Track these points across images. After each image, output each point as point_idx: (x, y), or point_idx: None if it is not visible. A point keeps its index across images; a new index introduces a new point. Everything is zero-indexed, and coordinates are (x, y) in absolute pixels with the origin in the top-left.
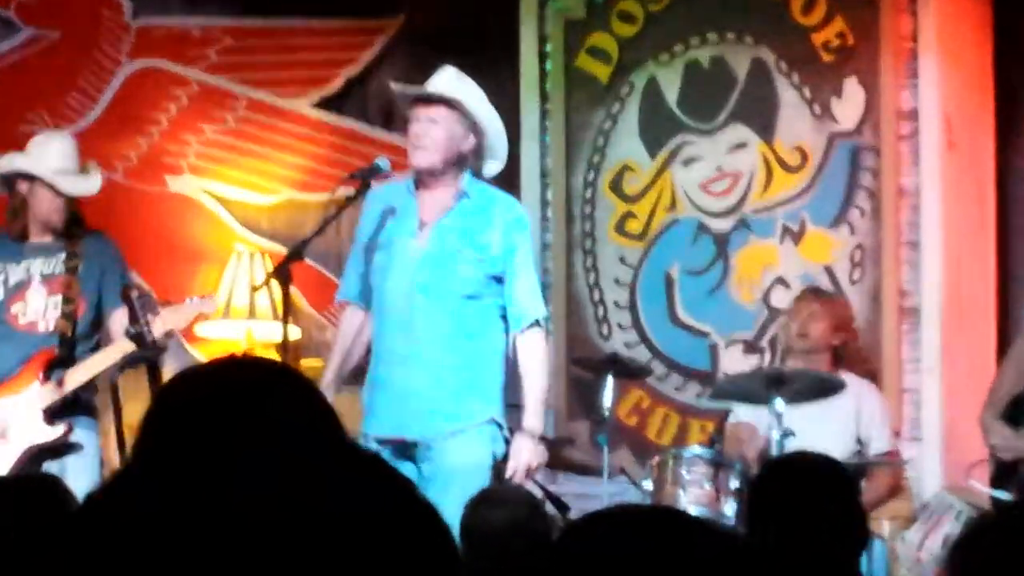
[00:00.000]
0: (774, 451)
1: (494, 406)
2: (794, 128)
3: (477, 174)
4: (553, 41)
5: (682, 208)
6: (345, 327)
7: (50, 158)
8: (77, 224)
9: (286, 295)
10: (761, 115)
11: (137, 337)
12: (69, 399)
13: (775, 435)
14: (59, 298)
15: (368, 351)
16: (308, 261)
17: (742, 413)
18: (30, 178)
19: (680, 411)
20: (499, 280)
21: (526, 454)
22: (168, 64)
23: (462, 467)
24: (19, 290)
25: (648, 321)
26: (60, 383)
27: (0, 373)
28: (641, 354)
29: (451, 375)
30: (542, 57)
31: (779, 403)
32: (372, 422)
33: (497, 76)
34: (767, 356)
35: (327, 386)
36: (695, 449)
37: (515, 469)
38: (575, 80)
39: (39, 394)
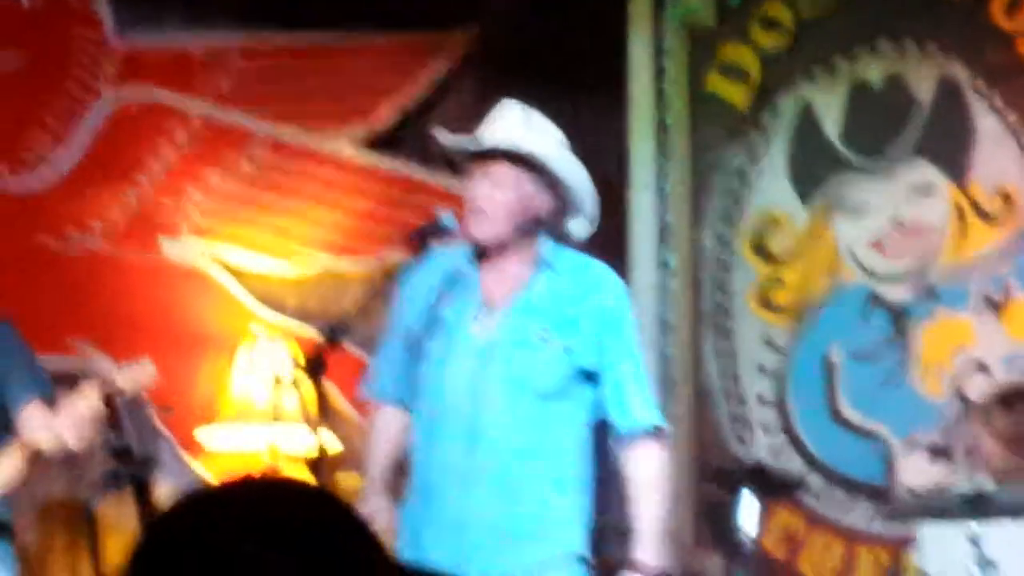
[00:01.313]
0: None
1: (578, 537)
2: (996, 166)
3: (560, 238)
4: (674, 57)
5: (847, 273)
6: (383, 429)
7: None
8: None
9: (320, 393)
10: (952, 149)
11: (122, 452)
12: None
13: (973, 568)
14: None
15: (405, 463)
16: (348, 348)
17: (929, 536)
18: None
19: (846, 537)
20: (590, 377)
21: None
22: (163, 94)
23: None
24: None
25: (802, 420)
26: None
27: None
28: (793, 463)
29: (526, 498)
30: (659, 78)
31: (977, 526)
32: (416, 553)
33: (599, 105)
34: (961, 463)
35: (374, 505)
36: None
37: None
38: (703, 107)
39: None
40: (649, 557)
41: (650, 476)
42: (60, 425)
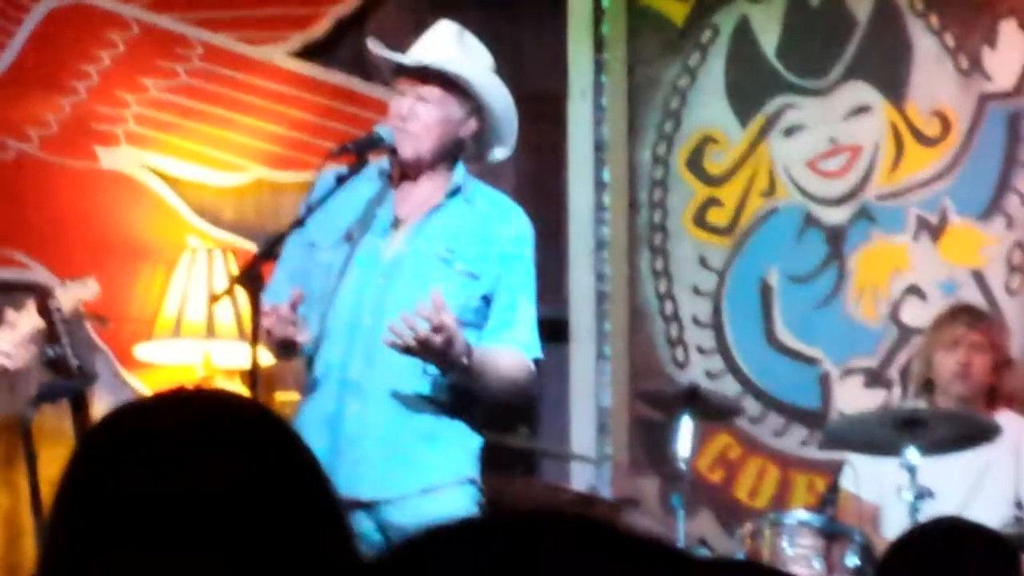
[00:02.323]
0: (907, 517)
1: (472, 461)
2: (933, 87)
3: (474, 161)
4: None
5: (784, 193)
6: None
7: None
8: None
9: (255, 308)
10: (889, 70)
11: (57, 362)
12: None
13: (908, 496)
14: None
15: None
16: None
17: (863, 468)
18: None
19: (781, 463)
20: (488, 303)
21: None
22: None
23: None
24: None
25: (738, 343)
26: None
27: None
28: (729, 387)
29: (422, 419)
30: None
31: (913, 453)
32: None
33: (535, 17)
34: (896, 390)
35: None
36: (801, 514)
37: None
38: (640, 22)
39: None
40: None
41: (511, 356)
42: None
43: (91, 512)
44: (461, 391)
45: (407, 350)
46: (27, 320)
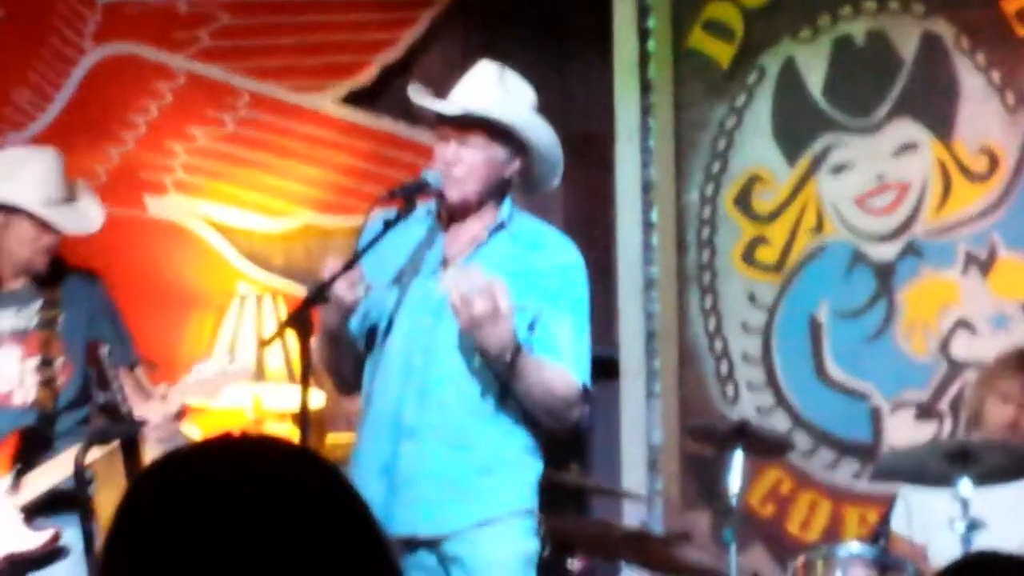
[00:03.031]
0: (959, 550)
1: (528, 492)
2: (980, 124)
3: (525, 193)
4: (658, 14)
5: (832, 230)
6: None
7: (32, 185)
8: (55, 262)
9: (305, 350)
10: (936, 107)
11: (108, 408)
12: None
13: (960, 527)
14: (37, 361)
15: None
16: None
17: (914, 501)
18: (4, 208)
19: (832, 496)
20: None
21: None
22: (147, 50)
23: (496, 567)
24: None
25: (788, 379)
26: (16, 487)
27: None
28: (779, 422)
29: (477, 453)
30: (643, 35)
31: (965, 485)
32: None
33: (583, 61)
34: (947, 423)
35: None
36: (853, 547)
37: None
38: (687, 65)
39: (9, 488)
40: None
41: (560, 373)
42: (175, 399)
43: (140, 559)
44: (513, 410)
45: (456, 312)
46: (177, 397)
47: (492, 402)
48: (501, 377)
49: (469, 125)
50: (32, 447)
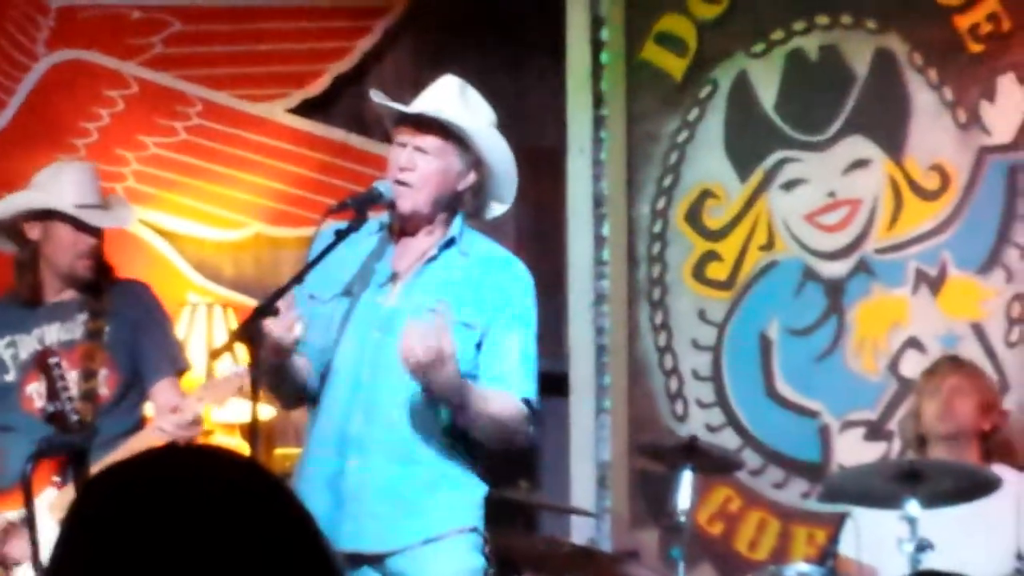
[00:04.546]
0: (908, 569)
1: (476, 511)
2: (931, 141)
3: (473, 216)
4: (611, 26)
5: (783, 247)
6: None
7: (66, 190)
8: (103, 273)
9: (255, 363)
10: (888, 124)
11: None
12: None
13: (908, 548)
14: (80, 373)
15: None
16: None
17: (863, 522)
18: (42, 216)
19: (781, 515)
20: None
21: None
22: (99, 57)
23: None
24: (33, 366)
25: (737, 396)
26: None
27: (13, 475)
28: (729, 440)
29: (424, 469)
30: (596, 47)
31: (913, 506)
32: None
33: (534, 73)
34: (896, 443)
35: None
36: (801, 567)
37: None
38: (639, 77)
39: (54, 503)
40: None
41: (504, 400)
42: (190, 407)
43: (85, 570)
44: (459, 435)
45: (403, 359)
46: (194, 406)
47: (439, 430)
48: (448, 414)
49: (426, 129)
50: (72, 460)
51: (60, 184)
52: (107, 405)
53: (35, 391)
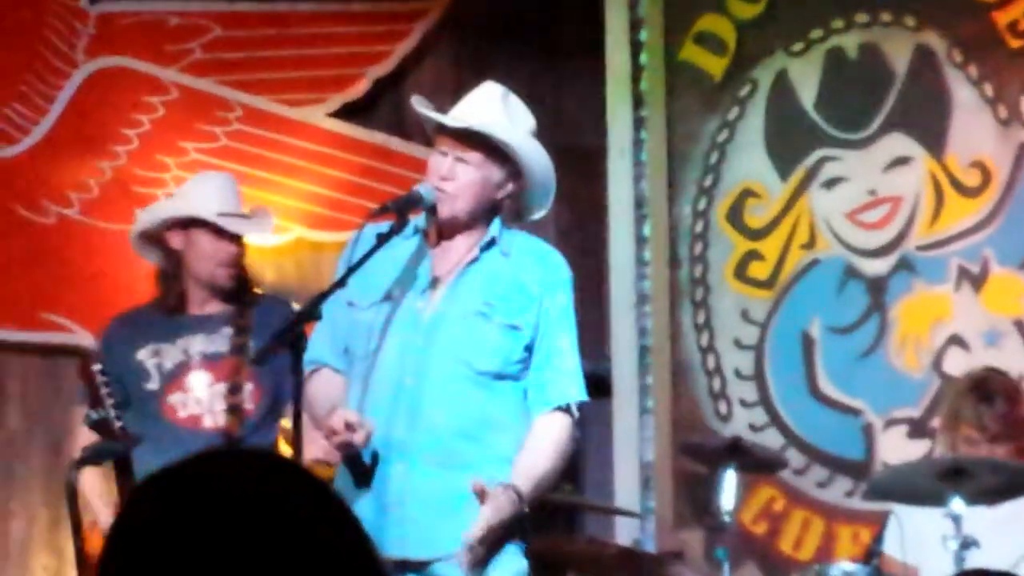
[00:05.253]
0: (952, 567)
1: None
2: (972, 137)
3: (511, 221)
4: (650, 27)
5: (824, 245)
6: (321, 393)
7: (208, 198)
8: (247, 288)
9: (297, 366)
10: (928, 121)
11: (100, 424)
12: None
13: (953, 546)
14: (226, 387)
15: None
16: None
17: (907, 520)
18: (185, 225)
19: (825, 515)
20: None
21: (492, 508)
22: (138, 63)
23: None
24: (177, 376)
25: (781, 395)
26: None
27: None
28: (772, 439)
29: (467, 475)
30: (635, 48)
31: (958, 503)
32: None
33: (574, 75)
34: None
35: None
36: (846, 566)
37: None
38: (679, 77)
39: None
40: (523, 487)
41: (549, 441)
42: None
43: (134, 573)
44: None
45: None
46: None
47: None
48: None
49: (468, 141)
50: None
51: (202, 192)
52: (251, 420)
53: (178, 401)
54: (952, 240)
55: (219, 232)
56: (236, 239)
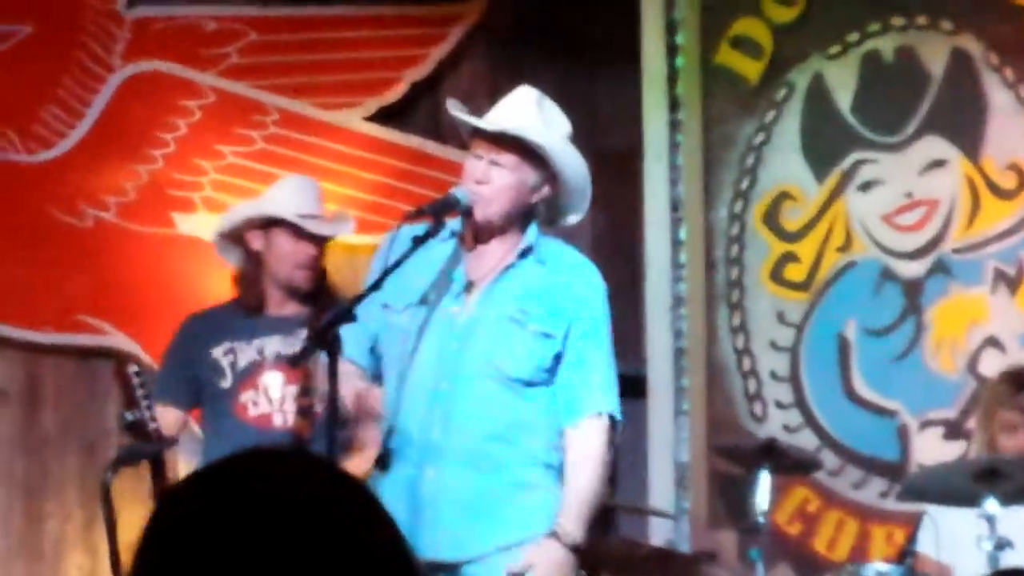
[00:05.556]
0: (986, 567)
1: (551, 517)
2: (1009, 140)
3: (547, 224)
4: (686, 30)
5: (860, 247)
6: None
7: (289, 199)
8: (326, 291)
9: (333, 369)
10: (964, 124)
11: (135, 426)
12: None
13: (987, 546)
14: (298, 389)
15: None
16: None
17: (941, 521)
18: (266, 226)
19: (859, 515)
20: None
21: (543, 566)
22: (175, 67)
23: None
24: (250, 375)
25: (816, 397)
26: None
27: None
28: (807, 441)
29: (501, 478)
30: (671, 51)
31: (992, 504)
32: None
33: (609, 78)
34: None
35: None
36: (880, 566)
37: None
38: (715, 81)
39: None
40: (568, 527)
41: (587, 456)
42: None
43: (169, 574)
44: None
45: None
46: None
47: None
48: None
49: (503, 145)
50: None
51: (283, 194)
52: (320, 423)
53: (249, 399)
54: (988, 242)
55: (298, 233)
56: (315, 241)
